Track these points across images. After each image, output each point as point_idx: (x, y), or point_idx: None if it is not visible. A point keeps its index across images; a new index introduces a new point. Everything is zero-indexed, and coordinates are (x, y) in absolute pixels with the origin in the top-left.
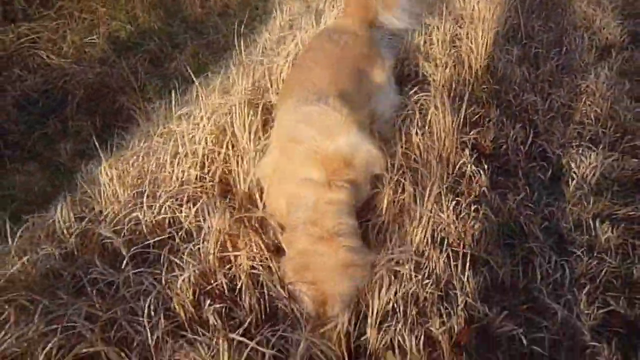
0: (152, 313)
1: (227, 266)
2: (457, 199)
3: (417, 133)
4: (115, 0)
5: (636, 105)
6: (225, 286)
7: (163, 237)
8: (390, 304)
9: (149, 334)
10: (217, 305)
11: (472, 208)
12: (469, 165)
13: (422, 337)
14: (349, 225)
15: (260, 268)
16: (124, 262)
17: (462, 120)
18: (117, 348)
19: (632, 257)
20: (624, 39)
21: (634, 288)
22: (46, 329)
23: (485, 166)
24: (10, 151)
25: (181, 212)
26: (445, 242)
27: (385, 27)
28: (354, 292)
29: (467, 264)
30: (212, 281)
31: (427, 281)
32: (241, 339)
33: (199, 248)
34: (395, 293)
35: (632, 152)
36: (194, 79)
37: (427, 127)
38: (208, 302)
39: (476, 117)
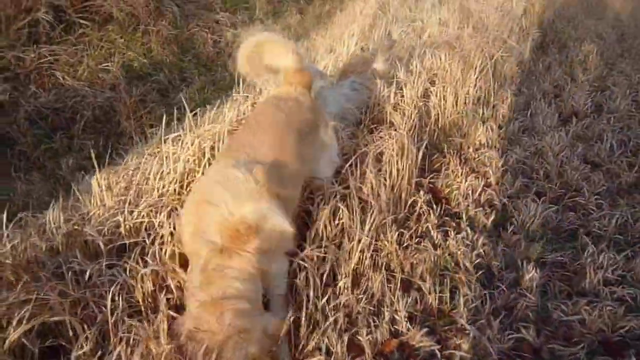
0: (116, 297)
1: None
2: (402, 230)
3: (371, 171)
4: (132, 33)
5: (585, 166)
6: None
7: (137, 240)
8: (324, 312)
9: (109, 314)
10: (169, 296)
11: (415, 240)
12: (420, 204)
13: (349, 343)
14: (238, 290)
15: None
16: (101, 255)
17: (420, 164)
18: (80, 321)
19: (549, 295)
20: (588, 109)
21: (545, 321)
22: (25, 297)
23: (436, 207)
24: (16, 160)
25: (156, 218)
26: (383, 266)
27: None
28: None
29: (400, 286)
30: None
31: (362, 296)
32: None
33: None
34: (328, 301)
35: (573, 206)
36: (187, 107)
37: (384, 166)
38: (162, 294)
39: (436, 164)
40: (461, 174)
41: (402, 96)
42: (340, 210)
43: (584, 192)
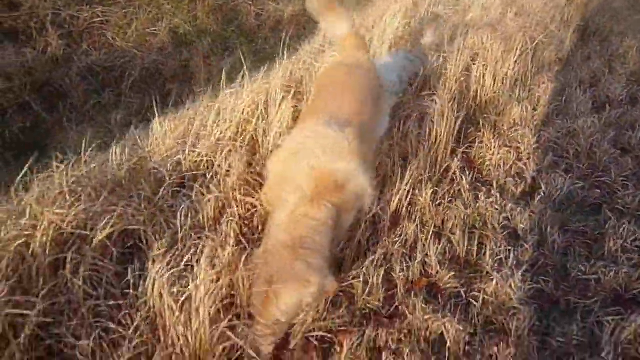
0: (183, 219)
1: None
2: (436, 189)
3: (412, 132)
4: (180, 0)
5: (614, 150)
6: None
7: (198, 173)
8: (365, 249)
9: (179, 229)
10: (231, 219)
11: (447, 199)
12: (454, 169)
13: (384, 277)
14: (315, 242)
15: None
16: (166, 185)
17: (456, 134)
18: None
19: (569, 257)
20: (622, 99)
21: (564, 278)
22: (106, 209)
23: (468, 173)
24: (69, 112)
25: (214, 159)
26: (417, 218)
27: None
28: (297, 305)
29: (432, 236)
30: (229, 206)
31: (397, 239)
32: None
33: (223, 182)
34: (368, 241)
35: (599, 185)
36: (244, 63)
37: (425, 129)
38: (225, 217)
39: (471, 137)
40: (494, 147)
41: (446, 69)
42: (384, 161)
43: (611, 172)
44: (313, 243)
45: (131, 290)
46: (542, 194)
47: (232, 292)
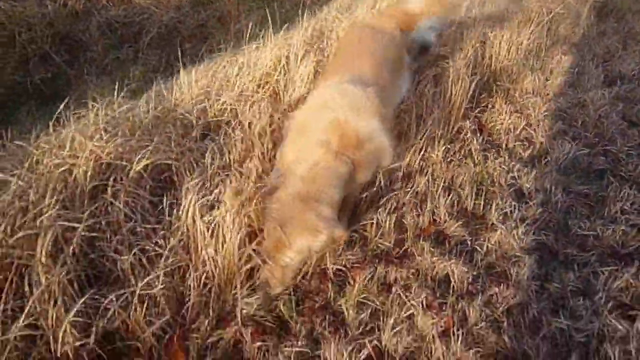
0: (211, 158)
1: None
2: (447, 146)
3: (429, 90)
4: None
5: (622, 122)
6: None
7: (222, 119)
8: (379, 195)
9: (208, 167)
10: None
11: (458, 157)
12: (466, 130)
13: (395, 222)
14: (330, 196)
15: None
16: (192, 130)
17: (470, 99)
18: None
19: (571, 215)
20: (635, 75)
21: (564, 233)
22: (141, 144)
23: (480, 135)
24: (88, 66)
25: (238, 108)
26: (429, 172)
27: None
28: (306, 251)
29: (441, 190)
30: (252, 150)
31: (409, 190)
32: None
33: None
34: (382, 189)
35: (604, 153)
36: (270, 21)
37: (440, 89)
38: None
39: (484, 103)
40: (505, 112)
41: (462, 34)
42: (401, 117)
43: (617, 142)
44: (326, 196)
45: (166, 217)
46: (549, 158)
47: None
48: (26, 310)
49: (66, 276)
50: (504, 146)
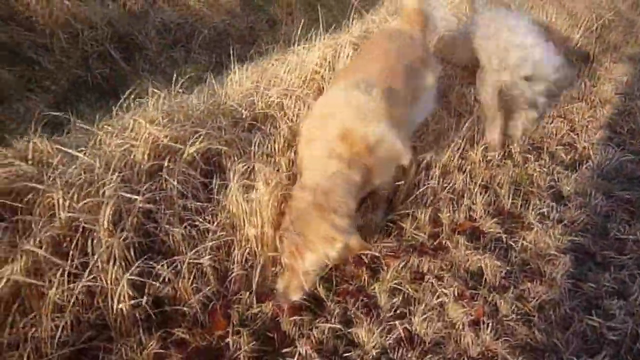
0: (256, 147)
1: None
2: (487, 146)
3: (469, 91)
4: None
5: None
6: None
7: (268, 112)
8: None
9: (253, 154)
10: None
11: (498, 157)
12: None
13: (431, 216)
14: (346, 205)
15: None
16: (242, 120)
17: None
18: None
19: (610, 219)
20: None
21: (602, 236)
22: (196, 130)
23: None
24: (143, 63)
25: (284, 102)
26: (467, 170)
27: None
28: (322, 260)
29: (479, 188)
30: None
31: (447, 185)
32: None
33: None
34: (418, 185)
35: None
36: (322, 22)
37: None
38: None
39: None
40: (548, 116)
41: None
42: (441, 114)
43: None
44: (342, 206)
45: (214, 196)
46: (591, 163)
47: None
48: (89, 268)
49: (124, 241)
50: (545, 149)
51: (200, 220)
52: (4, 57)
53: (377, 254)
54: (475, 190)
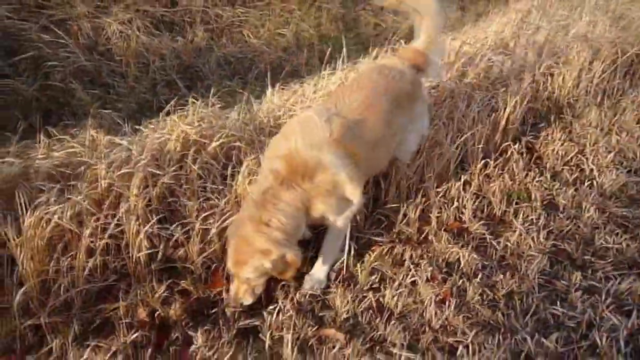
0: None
1: None
2: (487, 160)
3: (472, 110)
4: (308, 8)
5: None
6: None
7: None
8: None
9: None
10: None
11: (497, 172)
12: (511, 151)
13: (420, 214)
14: (278, 220)
15: None
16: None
17: (520, 122)
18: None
19: (600, 230)
20: None
21: (588, 244)
22: (222, 130)
23: (526, 157)
24: (204, 91)
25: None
26: (463, 180)
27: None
28: (260, 269)
29: (471, 195)
30: None
31: (440, 191)
32: None
33: None
34: (410, 187)
35: None
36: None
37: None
38: None
39: (542, 130)
40: (558, 139)
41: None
42: (439, 127)
43: None
44: (276, 221)
45: (227, 181)
46: (594, 182)
47: None
48: (117, 218)
49: (147, 206)
50: (549, 168)
51: (213, 197)
52: (85, 81)
53: (364, 238)
54: (468, 196)
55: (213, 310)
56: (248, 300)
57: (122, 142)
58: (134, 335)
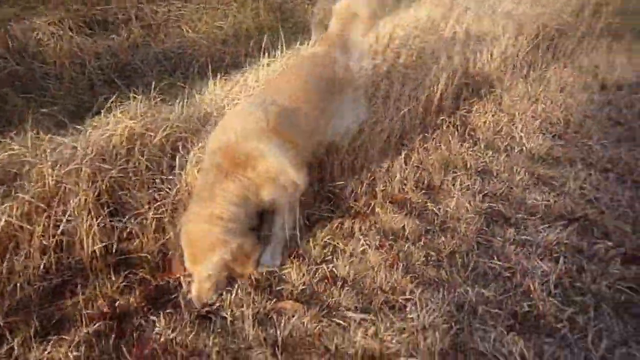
0: None
1: None
2: (425, 134)
3: (405, 93)
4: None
5: (607, 122)
6: None
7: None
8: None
9: None
10: None
11: (434, 144)
12: (446, 123)
13: (367, 189)
14: (229, 212)
15: None
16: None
17: (453, 98)
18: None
19: (531, 190)
20: (631, 85)
21: (520, 203)
22: (165, 123)
23: (461, 129)
24: (145, 88)
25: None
26: (404, 155)
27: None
28: (220, 262)
29: (412, 168)
30: None
31: (382, 166)
32: None
33: None
34: (354, 164)
35: (579, 145)
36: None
37: (418, 89)
38: None
39: (474, 104)
40: (489, 111)
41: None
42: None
43: (594, 137)
44: (227, 212)
45: (176, 170)
46: (523, 148)
47: None
48: (67, 214)
49: (98, 200)
50: (482, 138)
51: (163, 188)
52: (17, 85)
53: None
54: (408, 169)
55: (173, 296)
56: (212, 299)
57: (65, 140)
58: (96, 325)
